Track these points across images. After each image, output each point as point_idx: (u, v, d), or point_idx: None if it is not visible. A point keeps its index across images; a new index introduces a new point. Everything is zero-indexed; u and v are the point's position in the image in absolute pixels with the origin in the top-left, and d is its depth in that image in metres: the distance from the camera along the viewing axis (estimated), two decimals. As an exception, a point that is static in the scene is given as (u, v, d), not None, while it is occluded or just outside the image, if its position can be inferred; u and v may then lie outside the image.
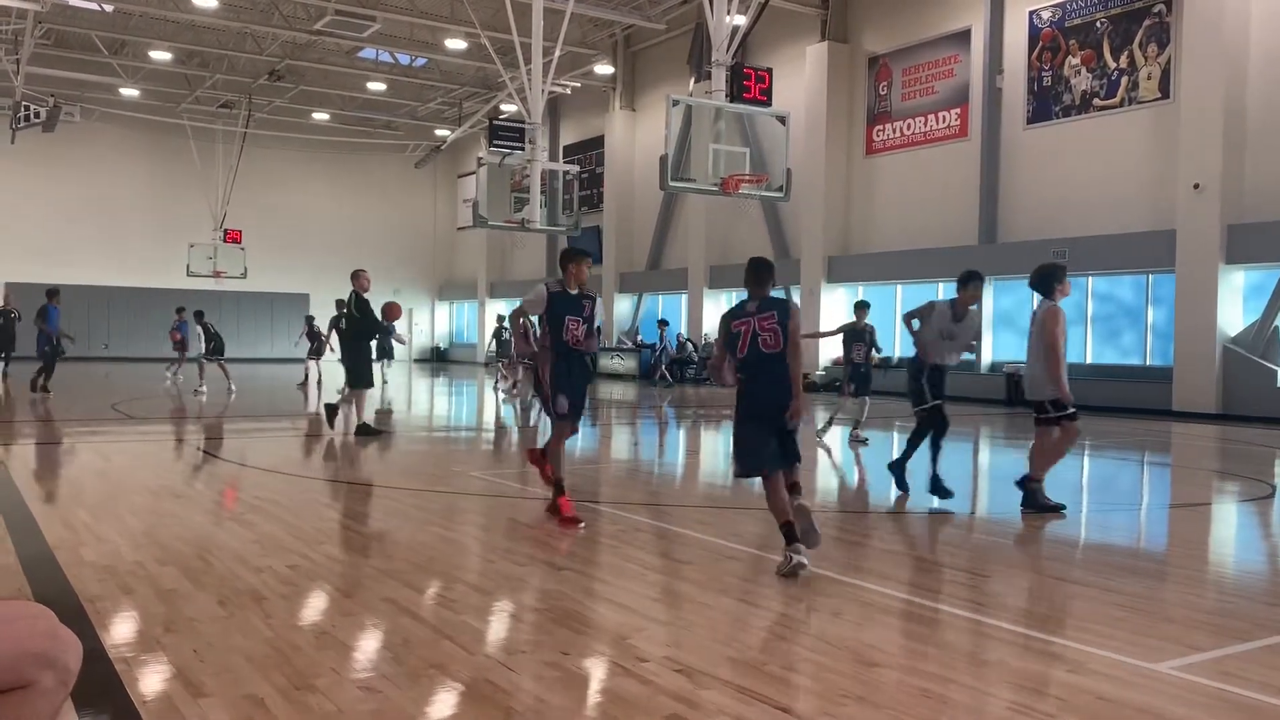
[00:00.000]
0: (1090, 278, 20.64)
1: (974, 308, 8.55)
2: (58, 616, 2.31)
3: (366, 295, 12.59)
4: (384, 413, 16.96)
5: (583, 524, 7.04)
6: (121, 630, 4.52)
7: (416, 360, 43.02)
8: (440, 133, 38.81)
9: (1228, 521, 8.35)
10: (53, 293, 19.73)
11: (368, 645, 4.42)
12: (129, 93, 33.70)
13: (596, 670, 4.14)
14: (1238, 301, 17.98)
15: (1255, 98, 17.46)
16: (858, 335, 12.80)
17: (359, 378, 12.73)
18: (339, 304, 15.86)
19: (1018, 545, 7.03)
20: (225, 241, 34.17)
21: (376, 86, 34.65)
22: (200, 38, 29.62)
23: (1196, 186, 17.67)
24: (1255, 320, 17.65)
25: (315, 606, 5.10)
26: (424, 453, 12.32)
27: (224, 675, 3.92)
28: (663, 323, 28.49)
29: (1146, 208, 19.04)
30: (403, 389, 26.43)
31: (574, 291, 7.33)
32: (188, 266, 33.79)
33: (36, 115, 28.77)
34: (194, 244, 34.24)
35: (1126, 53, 19.49)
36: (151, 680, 3.88)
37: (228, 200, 35.13)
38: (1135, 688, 3.92)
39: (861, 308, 12.91)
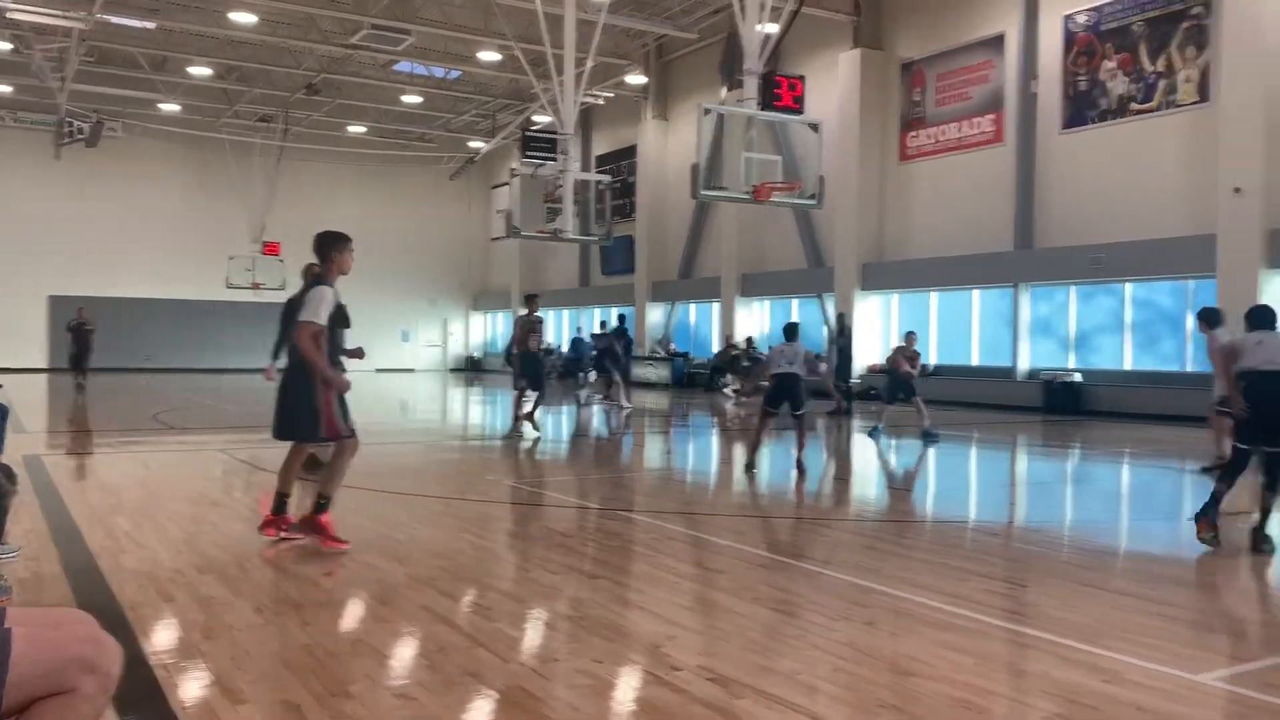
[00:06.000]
0: (1128, 284, 20.37)
1: None
2: (99, 623, 2.35)
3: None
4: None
5: (349, 546, 6.37)
6: (162, 637, 4.59)
7: (452, 369, 43.31)
8: (474, 144, 39.08)
9: (1273, 530, 8.18)
10: None
11: (403, 653, 4.45)
12: (169, 108, 34.25)
13: (630, 678, 4.14)
14: (1281, 307, 17.66)
15: (1297, 99, 17.16)
16: None
17: None
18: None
19: (1056, 554, 6.94)
20: (264, 254, 34.59)
21: (411, 99, 34.97)
22: (239, 53, 30.06)
23: (1237, 190, 17.39)
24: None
25: (351, 614, 5.15)
26: (457, 461, 12.39)
27: (261, 682, 3.97)
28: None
29: (1185, 212, 18.76)
30: (437, 397, 26.61)
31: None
32: (227, 278, 34.23)
33: (80, 131, 29.34)
34: (233, 256, 34.68)
35: (1164, 56, 19.24)
36: (191, 687, 3.93)
37: (266, 213, 35.57)
38: (1177, 699, 3.86)
39: None
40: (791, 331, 11.00)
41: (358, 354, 8.27)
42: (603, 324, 25.53)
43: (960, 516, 8.91)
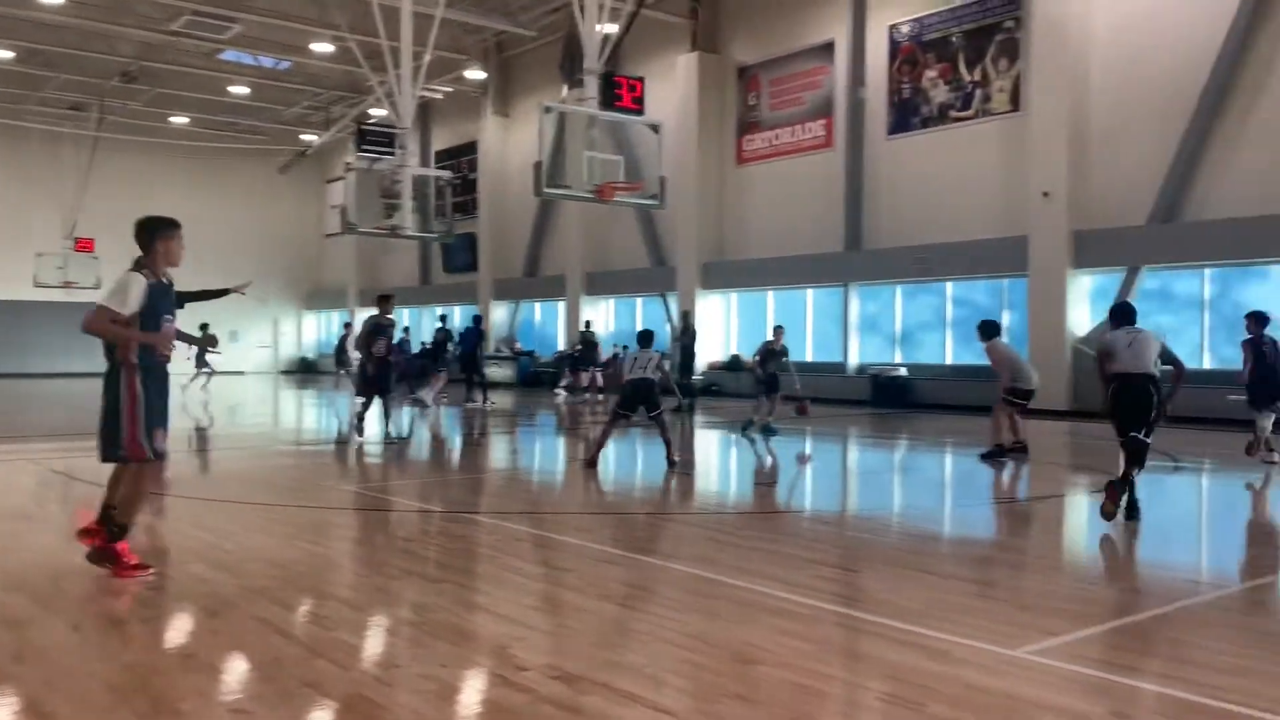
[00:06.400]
0: (950, 283, 21.49)
1: None
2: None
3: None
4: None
5: (152, 570, 5.73)
6: (-36, 663, 4.25)
7: (284, 371, 41.77)
8: (306, 137, 37.78)
9: (1079, 512, 8.81)
10: None
11: (237, 666, 4.27)
12: (-36, 92, 31.73)
13: (475, 681, 4.10)
14: (1085, 304, 18.99)
15: (1098, 110, 18.48)
16: None
17: None
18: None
19: (885, 540, 7.26)
20: (76, 250, 32.51)
21: (239, 90, 33.50)
22: (44, 35, 28.03)
23: (1045, 194, 18.60)
24: (1102, 321, 18.66)
25: (179, 628, 4.90)
26: (292, 467, 11.95)
27: (80, 705, 3.73)
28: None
29: (1001, 215, 19.92)
30: (268, 400, 25.63)
31: (166, 281, 5.72)
32: (35, 277, 32.01)
33: None
34: (41, 253, 32.51)
35: (980, 66, 20.39)
36: (-1, 714, 3.67)
37: (79, 207, 33.41)
38: (997, 674, 4.10)
39: None
40: (646, 339, 11.42)
41: (211, 342, 7.68)
42: (442, 317, 25.05)
43: (796, 507, 9.21)
